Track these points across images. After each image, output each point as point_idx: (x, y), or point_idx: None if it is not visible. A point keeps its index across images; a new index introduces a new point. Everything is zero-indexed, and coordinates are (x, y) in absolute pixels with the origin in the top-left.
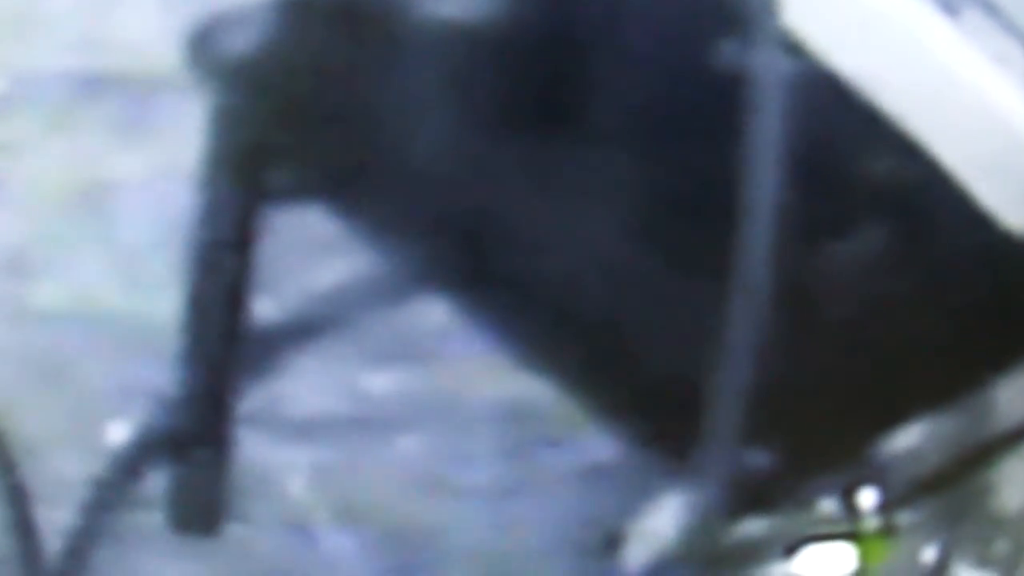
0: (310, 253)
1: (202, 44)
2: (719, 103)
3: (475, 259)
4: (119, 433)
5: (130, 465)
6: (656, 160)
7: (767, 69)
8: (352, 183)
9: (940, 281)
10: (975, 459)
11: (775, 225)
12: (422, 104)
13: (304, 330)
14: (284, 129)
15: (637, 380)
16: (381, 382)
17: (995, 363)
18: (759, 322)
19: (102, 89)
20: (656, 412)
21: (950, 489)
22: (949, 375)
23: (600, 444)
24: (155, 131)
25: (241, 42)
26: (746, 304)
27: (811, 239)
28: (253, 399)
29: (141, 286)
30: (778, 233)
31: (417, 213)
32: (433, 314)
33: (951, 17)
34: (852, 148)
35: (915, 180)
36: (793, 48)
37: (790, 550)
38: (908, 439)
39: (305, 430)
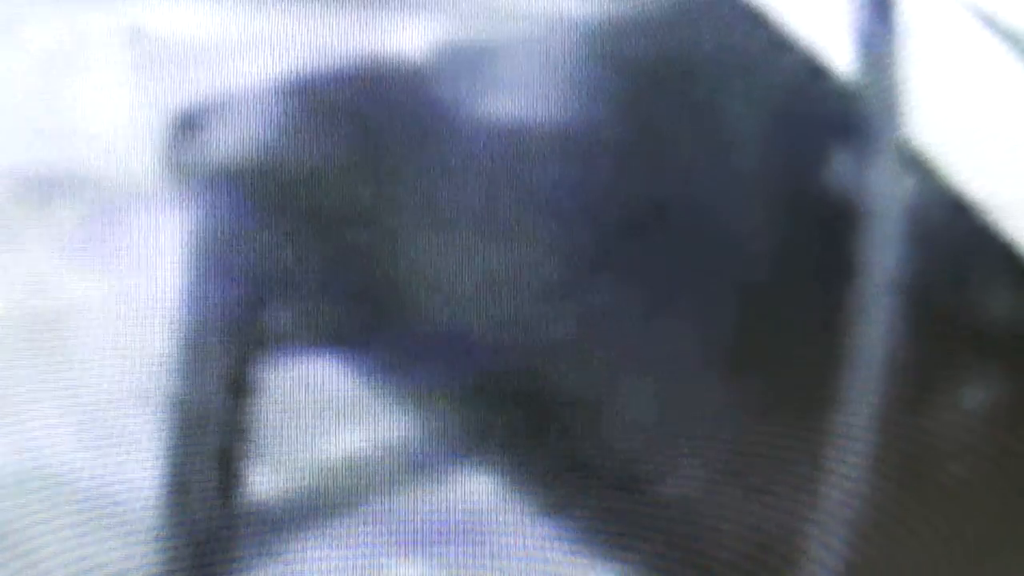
0: (321, 415)
1: (183, 139)
2: (827, 227)
3: (525, 425)
4: None
5: None
6: (750, 303)
7: (884, 189)
8: (372, 329)
9: None
10: None
11: (887, 371)
12: (461, 227)
13: (313, 507)
14: (287, 254)
15: (714, 561)
16: (409, 572)
17: None
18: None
19: (55, 193)
20: None
21: None
22: None
23: None
24: (122, 249)
25: (232, 139)
26: (851, 464)
27: (925, 391)
28: None
29: (107, 445)
30: (888, 385)
31: (455, 368)
32: (474, 489)
33: None
34: (974, 284)
35: None
36: (914, 164)
37: None
38: None
39: None
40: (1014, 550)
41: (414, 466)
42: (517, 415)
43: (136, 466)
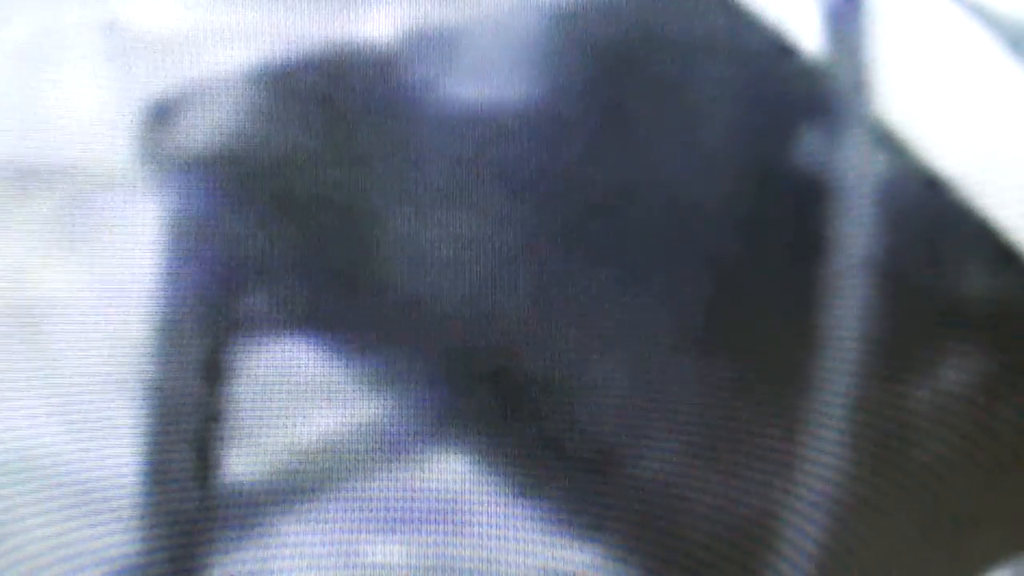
0: (296, 398)
1: (157, 129)
2: (798, 206)
3: (498, 406)
4: None
5: None
6: (714, 283)
7: (855, 167)
8: (347, 312)
9: None
10: None
11: (860, 353)
12: (432, 209)
13: (291, 490)
14: (260, 239)
15: (689, 542)
16: (387, 552)
17: None
18: (839, 465)
19: (32, 185)
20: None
21: None
22: None
23: None
24: (98, 239)
25: (205, 127)
26: (824, 448)
27: (900, 369)
28: (228, 572)
29: (86, 431)
30: (863, 363)
31: (430, 349)
32: (450, 470)
33: None
34: (948, 261)
35: (1015, 298)
36: (885, 142)
37: None
38: None
39: None
40: (990, 528)
41: (389, 448)
42: (490, 396)
43: (115, 451)
